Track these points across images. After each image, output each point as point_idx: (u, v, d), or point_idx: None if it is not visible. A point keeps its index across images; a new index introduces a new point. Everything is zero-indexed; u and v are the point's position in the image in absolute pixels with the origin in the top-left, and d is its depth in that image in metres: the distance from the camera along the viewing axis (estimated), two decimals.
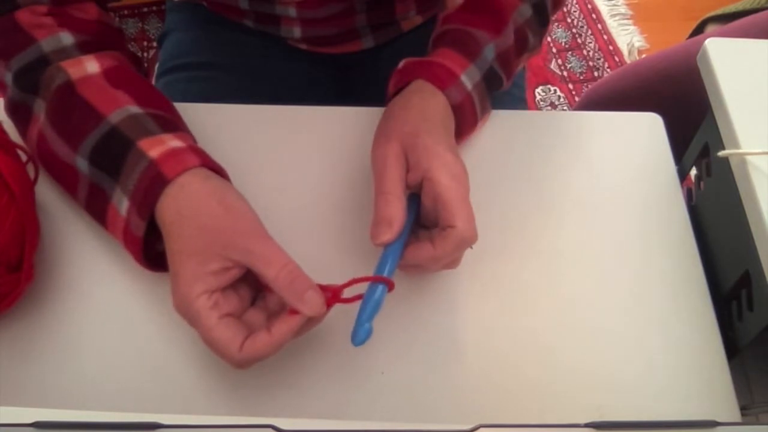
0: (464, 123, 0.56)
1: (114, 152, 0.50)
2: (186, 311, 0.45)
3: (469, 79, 0.55)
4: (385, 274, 0.47)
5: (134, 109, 0.52)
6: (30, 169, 0.54)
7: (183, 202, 0.47)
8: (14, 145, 0.53)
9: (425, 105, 0.53)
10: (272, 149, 0.61)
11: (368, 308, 0.45)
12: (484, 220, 0.57)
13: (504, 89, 0.61)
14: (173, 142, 0.50)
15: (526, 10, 0.60)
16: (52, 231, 0.56)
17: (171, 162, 0.48)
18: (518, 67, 0.62)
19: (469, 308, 0.53)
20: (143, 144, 0.49)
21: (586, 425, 0.37)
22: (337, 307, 0.50)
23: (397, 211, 0.47)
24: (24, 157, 0.54)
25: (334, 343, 0.50)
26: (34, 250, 0.51)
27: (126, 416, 0.38)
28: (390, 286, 0.46)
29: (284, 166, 0.60)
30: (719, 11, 0.97)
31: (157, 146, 0.49)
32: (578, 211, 0.58)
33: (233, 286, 0.46)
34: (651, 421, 0.45)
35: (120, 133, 0.50)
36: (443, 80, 0.54)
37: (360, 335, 0.44)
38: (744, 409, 0.50)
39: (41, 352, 0.50)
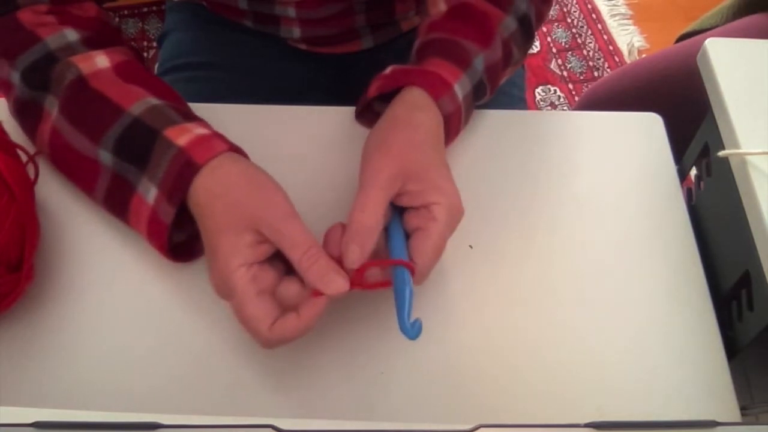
0: (448, 134, 0.55)
1: (140, 143, 0.50)
2: (224, 285, 0.45)
3: (461, 89, 0.55)
4: (404, 258, 0.47)
5: (153, 100, 0.52)
6: (30, 169, 0.54)
7: (214, 183, 0.48)
8: (14, 145, 0.53)
9: (431, 125, 0.52)
10: (272, 149, 0.61)
11: (407, 301, 0.45)
12: (483, 220, 0.57)
13: (484, 101, 0.60)
14: (198, 129, 0.51)
15: (511, 24, 0.59)
16: (52, 231, 0.55)
17: (200, 148, 0.49)
18: (502, 81, 0.62)
19: (468, 308, 0.53)
20: (169, 133, 0.50)
21: (586, 425, 0.37)
22: (338, 309, 0.50)
23: (369, 237, 0.46)
24: (24, 157, 0.54)
25: (334, 344, 0.50)
26: (34, 250, 0.51)
27: (126, 416, 0.38)
28: (412, 270, 0.46)
29: (284, 165, 0.60)
30: (689, 28, 0.97)
31: (184, 134, 0.50)
32: (578, 211, 0.58)
33: (269, 259, 0.46)
34: (651, 421, 0.45)
35: (144, 123, 0.50)
36: (438, 89, 0.53)
37: (415, 329, 0.45)
38: (744, 409, 0.50)
39: (41, 352, 0.50)
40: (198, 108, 0.62)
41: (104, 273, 0.54)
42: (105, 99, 0.52)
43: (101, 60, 0.54)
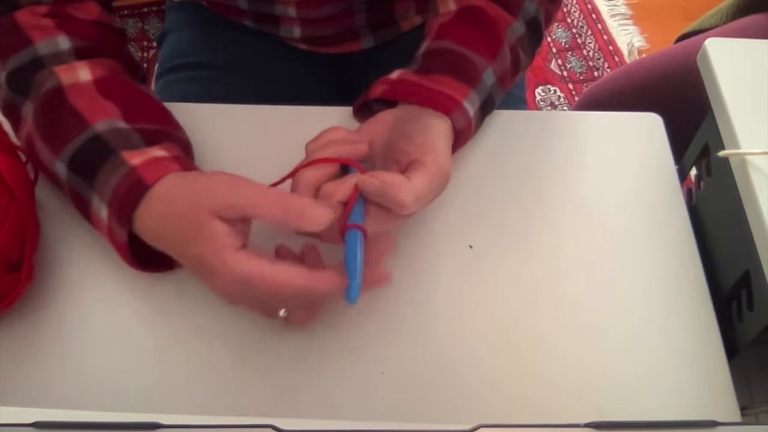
0: (455, 146, 0.55)
1: (93, 158, 0.49)
2: (234, 277, 0.43)
3: (471, 105, 0.55)
4: (359, 222, 0.47)
5: (121, 124, 0.51)
6: (30, 170, 0.54)
7: (159, 207, 0.47)
8: (15, 146, 0.53)
9: (429, 124, 0.52)
10: (272, 149, 0.61)
11: (359, 263, 0.45)
12: (483, 220, 0.57)
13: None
14: (156, 152, 0.50)
15: (519, 28, 0.59)
16: (52, 231, 0.55)
17: (152, 168, 0.48)
18: (510, 87, 0.61)
19: (468, 308, 0.53)
20: (126, 154, 0.49)
21: (586, 425, 0.37)
22: (339, 309, 0.50)
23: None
24: (24, 158, 0.54)
25: (335, 344, 0.50)
26: (34, 250, 0.51)
27: (126, 416, 0.38)
28: (365, 234, 0.47)
29: (284, 166, 0.60)
30: (689, 28, 0.97)
31: (140, 156, 0.49)
32: (578, 211, 0.58)
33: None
34: (651, 421, 0.45)
35: (103, 140, 0.50)
36: (446, 107, 0.53)
37: (353, 293, 0.45)
38: (744, 409, 0.51)
39: (41, 352, 0.50)
40: (198, 108, 0.62)
41: (104, 273, 0.54)
42: (75, 113, 0.51)
43: (83, 73, 0.53)
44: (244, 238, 0.45)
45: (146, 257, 0.50)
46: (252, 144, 0.61)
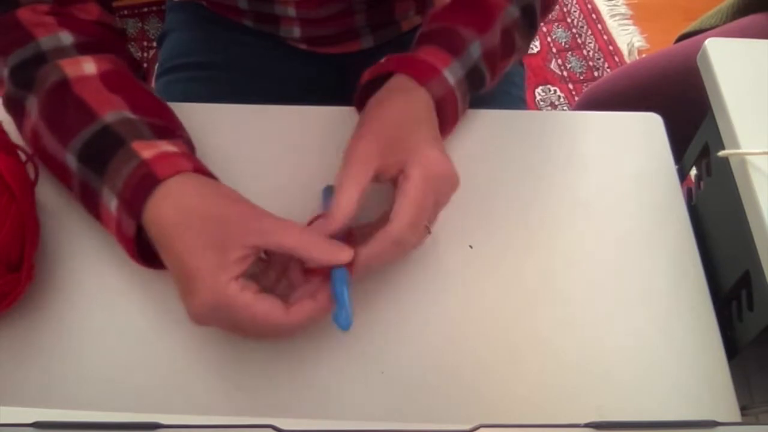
0: (445, 119, 0.55)
1: (103, 149, 0.50)
2: (218, 302, 0.44)
3: (452, 74, 0.55)
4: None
5: (130, 114, 0.52)
6: (30, 169, 0.54)
7: (180, 201, 0.47)
8: (14, 146, 0.53)
9: (411, 105, 0.52)
10: (272, 149, 0.61)
11: (347, 300, 0.45)
12: (483, 220, 0.57)
13: (486, 89, 0.60)
14: (167, 146, 0.50)
15: (513, 12, 0.59)
16: (52, 231, 0.56)
17: (164, 163, 0.48)
18: (504, 69, 0.62)
19: (469, 308, 0.53)
20: (136, 145, 0.49)
21: (586, 425, 0.37)
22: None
23: (344, 204, 0.47)
24: (24, 157, 0.54)
25: (334, 343, 0.50)
26: (34, 250, 0.51)
27: (126, 416, 0.38)
28: (350, 270, 0.47)
29: (284, 166, 0.60)
30: (689, 28, 0.97)
31: (151, 149, 0.49)
32: (578, 211, 0.58)
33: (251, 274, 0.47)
34: (651, 421, 0.45)
35: (113, 131, 0.50)
36: (424, 74, 0.53)
37: (346, 321, 0.45)
38: (744, 409, 0.51)
39: (41, 352, 0.50)
40: (198, 108, 0.62)
41: (104, 273, 0.54)
42: (82, 104, 0.51)
43: (88, 66, 0.54)
44: (245, 271, 0.45)
45: (150, 254, 0.50)
46: (252, 143, 0.61)
